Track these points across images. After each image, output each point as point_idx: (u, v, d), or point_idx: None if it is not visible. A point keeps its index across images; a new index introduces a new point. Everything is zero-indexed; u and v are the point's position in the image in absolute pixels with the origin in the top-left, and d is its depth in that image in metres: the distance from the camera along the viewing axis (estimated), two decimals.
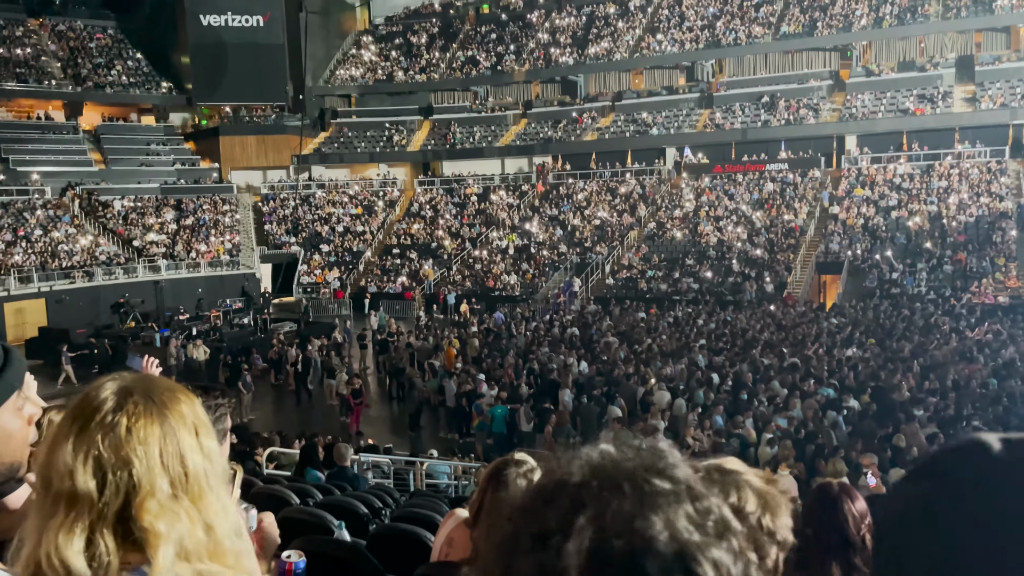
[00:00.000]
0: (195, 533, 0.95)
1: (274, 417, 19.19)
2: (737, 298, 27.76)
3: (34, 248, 32.02)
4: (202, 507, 0.97)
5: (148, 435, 0.95)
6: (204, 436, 1.01)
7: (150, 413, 0.97)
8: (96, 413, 0.96)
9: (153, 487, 0.93)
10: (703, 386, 15.76)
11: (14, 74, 40.08)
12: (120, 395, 0.98)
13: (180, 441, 0.97)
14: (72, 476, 0.93)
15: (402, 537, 3.24)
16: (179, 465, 0.96)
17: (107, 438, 0.94)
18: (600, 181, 39.15)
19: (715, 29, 40.48)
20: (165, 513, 0.93)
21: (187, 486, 0.96)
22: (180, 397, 1.02)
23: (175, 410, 0.99)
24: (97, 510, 0.92)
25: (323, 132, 46.26)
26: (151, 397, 0.99)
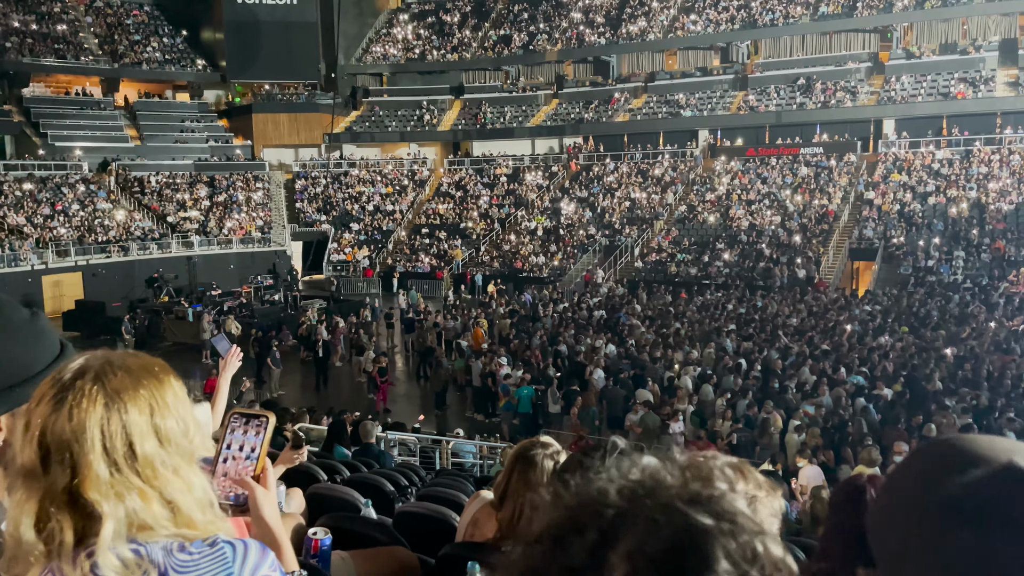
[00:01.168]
0: (151, 508, 0.96)
1: (302, 393, 19.43)
2: (768, 283, 27.47)
3: (72, 222, 32.61)
4: (159, 485, 0.98)
5: (88, 415, 0.95)
6: (161, 418, 1.00)
7: (94, 394, 0.97)
8: (49, 391, 0.98)
9: (91, 467, 0.94)
10: (731, 372, 15.66)
11: (52, 50, 40.64)
12: (75, 374, 0.99)
13: (127, 423, 0.97)
14: (23, 452, 0.96)
15: (427, 516, 3.28)
16: (124, 447, 0.96)
17: (51, 416, 0.95)
18: (631, 163, 38.84)
19: (751, 10, 39.78)
20: (110, 492, 0.94)
21: (137, 467, 0.97)
22: (142, 378, 1.01)
23: (127, 392, 0.99)
24: (45, 487, 0.94)
25: (355, 111, 46.38)
26: (102, 377, 0.99)
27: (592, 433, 13.41)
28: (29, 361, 1.23)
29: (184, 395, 1.06)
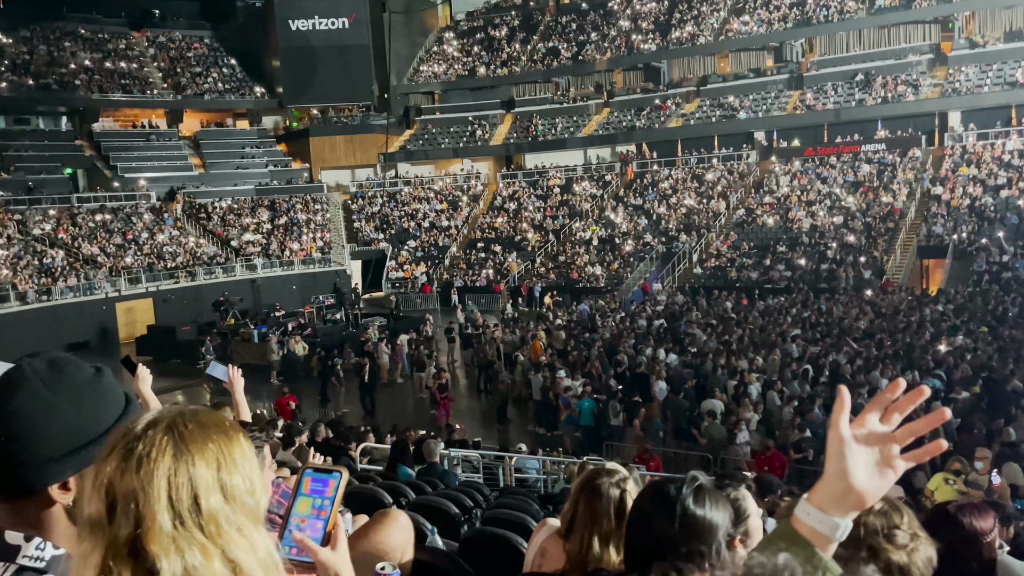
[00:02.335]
0: (212, 566, 0.94)
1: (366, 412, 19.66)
2: (832, 285, 26.76)
3: (142, 250, 33.82)
4: (222, 543, 0.96)
5: (156, 467, 0.95)
6: (227, 473, 0.99)
7: (163, 444, 0.97)
8: (120, 442, 0.98)
9: (155, 520, 0.93)
10: (798, 377, 15.27)
11: (119, 85, 42.36)
12: (147, 426, 0.99)
13: (194, 477, 0.96)
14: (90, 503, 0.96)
15: (493, 542, 3.26)
16: (189, 500, 0.95)
17: (119, 467, 0.96)
18: (686, 168, 38.41)
19: (805, 7, 39.02)
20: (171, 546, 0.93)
21: (201, 521, 0.96)
22: (211, 433, 1.01)
23: (195, 445, 0.98)
24: (109, 539, 0.94)
25: (408, 130, 47.05)
26: (173, 429, 0.99)
27: (656, 445, 13.23)
28: (95, 421, 1.25)
29: (252, 454, 1.05)
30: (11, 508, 1.21)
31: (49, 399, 1.21)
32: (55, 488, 1.21)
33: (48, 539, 1.21)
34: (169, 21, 48.27)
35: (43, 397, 1.21)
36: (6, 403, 1.20)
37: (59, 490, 1.21)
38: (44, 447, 1.19)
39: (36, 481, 1.19)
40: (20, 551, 1.18)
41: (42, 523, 1.22)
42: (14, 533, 1.19)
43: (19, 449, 1.18)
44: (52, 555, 1.19)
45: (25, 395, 1.20)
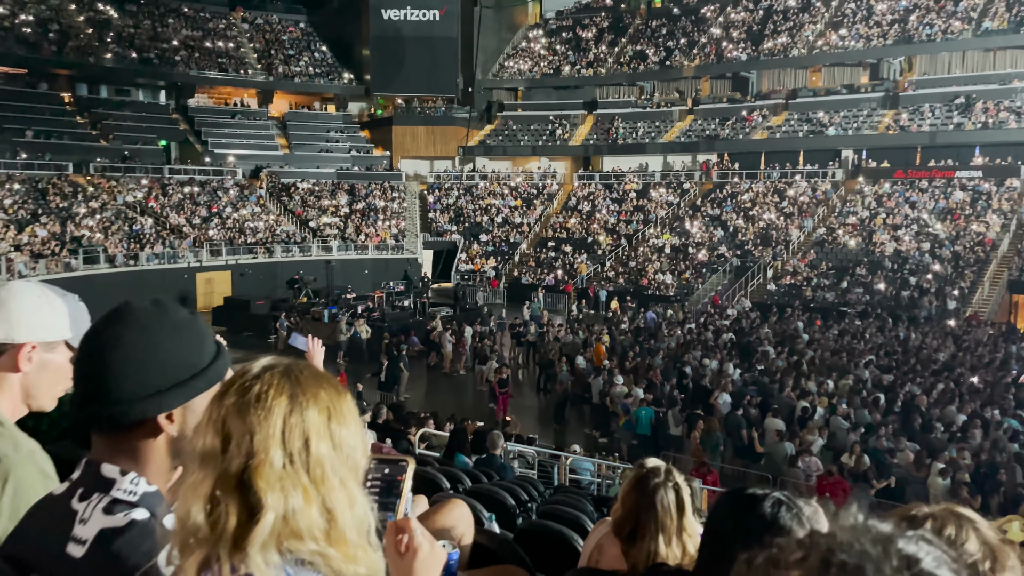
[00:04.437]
0: (310, 512, 0.97)
1: (427, 398, 19.92)
2: (913, 314, 25.77)
3: (225, 224, 34.97)
4: (324, 491, 0.99)
5: (274, 406, 0.99)
6: (337, 424, 1.03)
7: (282, 387, 1.01)
8: (236, 381, 1.03)
9: (268, 455, 0.97)
10: (868, 405, 14.76)
11: (216, 63, 43.88)
12: (263, 369, 1.04)
13: (307, 419, 1.00)
14: (203, 435, 1.00)
15: (549, 535, 3.26)
16: (300, 442, 0.99)
17: (237, 404, 1.00)
18: (768, 182, 37.54)
19: (907, 24, 37.62)
20: (278, 484, 0.96)
21: (308, 465, 0.99)
22: (324, 383, 1.05)
23: (310, 391, 1.02)
24: (221, 470, 0.97)
25: (489, 124, 47.34)
26: (290, 374, 1.03)
27: (714, 460, 12.99)
28: (196, 357, 1.30)
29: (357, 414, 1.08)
30: (110, 441, 1.26)
31: (159, 332, 1.27)
32: (162, 417, 1.26)
33: (142, 474, 1.25)
34: (267, 4, 49.76)
35: (154, 330, 1.27)
36: (122, 334, 1.25)
37: (165, 420, 1.26)
38: (154, 377, 1.24)
39: (145, 411, 1.24)
40: (115, 484, 1.23)
41: (139, 457, 1.26)
42: (110, 466, 1.24)
43: (130, 381, 1.23)
44: (145, 491, 1.24)
45: (137, 328, 1.26)
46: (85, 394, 1.26)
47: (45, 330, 1.64)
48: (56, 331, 1.66)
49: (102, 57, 39.60)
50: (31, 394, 1.67)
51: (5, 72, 37.53)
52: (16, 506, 1.49)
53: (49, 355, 1.66)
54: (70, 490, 1.25)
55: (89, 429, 1.29)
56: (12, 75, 37.77)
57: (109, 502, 1.21)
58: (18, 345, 1.62)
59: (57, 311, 1.66)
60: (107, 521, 1.18)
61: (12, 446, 1.57)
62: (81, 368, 1.28)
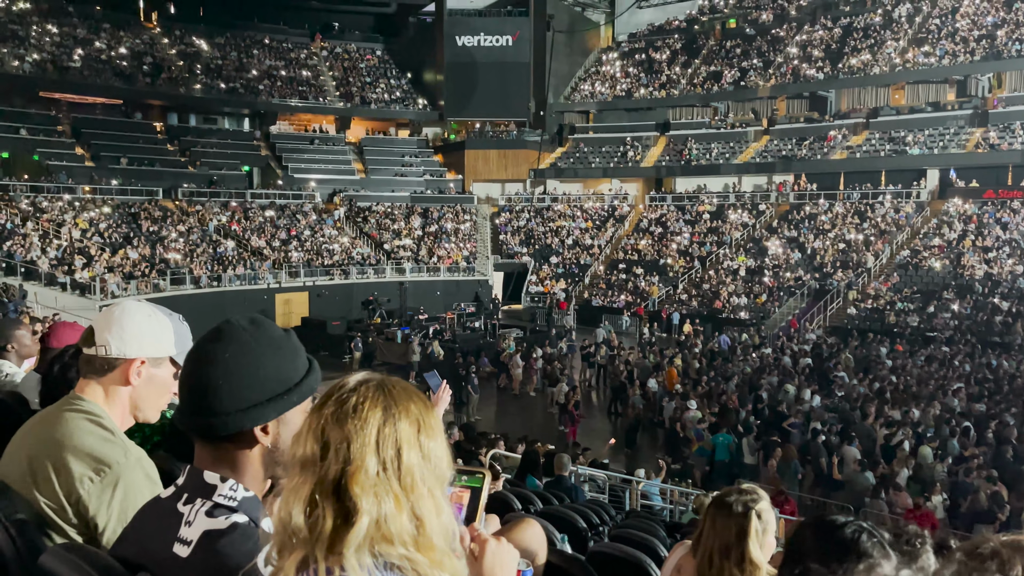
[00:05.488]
0: (400, 518, 1.02)
1: (497, 419, 19.98)
2: (1006, 340, 24.53)
3: (303, 246, 36.05)
4: (413, 498, 1.04)
5: (369, 416, 1.05)
6: (426, 436, 1.08)
7: (376, 398, 1.07)
8: (334, 393, 1.09)
9: (364, 462, 1.02)
10: (957, 435, 14.10)
11: (296, 91, 45.52)
12: (359, 382, 1.11)
13: (399, 430, 1.06)
14: (303, 443, 1.06)
15: (622, 559, 3.24)
16: (393, 451, 1.04)
17: (335, 413, 1.06)
18: (847, 203, 36.49)
19: (995, 40, 36.19)
20: (372, 490, 1.02)
21: (399, 473, 1.04)
22: (414, 398, 1.11)
23: (402, 404, 1.09)
24: (319, 475, 1.03)
25: (560, 147, 47.55)
26: (383, 387, 1.10)
27: (792, 489, 12.60)
28: (293, 371, 1.39)
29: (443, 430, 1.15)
30: (212, 450, 1.35)
31: (257, 349, 1.36)
32: (258, 429, 1.34)
33: (240, 481, 1.34)
34: (346, 33, 51.42)
35: (252, 347, 1.35)
36: (223, 352, 1.34)
37: (261, 431, 1.35)
38: (253, 391, 1.33)
39: (243, 423, 1.32)
40: (216, 490, 1.32)
41: (237, 465, 1.35)
42: (211, 473, 1.33)
43: (230, 394, 1.32)
44: (243, 496, 1.32)
45: (237, 346, 1.35)
46: (189, 406, 1.35)
47: (153, 347, 1.76)
48: (163, 348, 1.78)
49: (191, 88, 41.61)
50: (138, 406, 1.80)
51: (103, 103, 39.80)
52: (125, 508, 1.60)
53: (156, 370, 1.78)
54: (176, 494, 1.34)
55: (191, 438, 1.38)
56: (109, 105, 40.01)
57: (211, 506, 1.29)
58: (129, 360, 1.74)
59: (164, 329, 1.78)
60: (210, 524, 1.27)
61: (122, 453, 1.68)
62: (185, 382, 1.37)
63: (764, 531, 2.13)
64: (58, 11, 40.03)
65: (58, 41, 38.95)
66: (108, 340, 1.74)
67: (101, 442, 1.68)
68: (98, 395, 1.76)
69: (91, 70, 38.79)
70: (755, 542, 2.10)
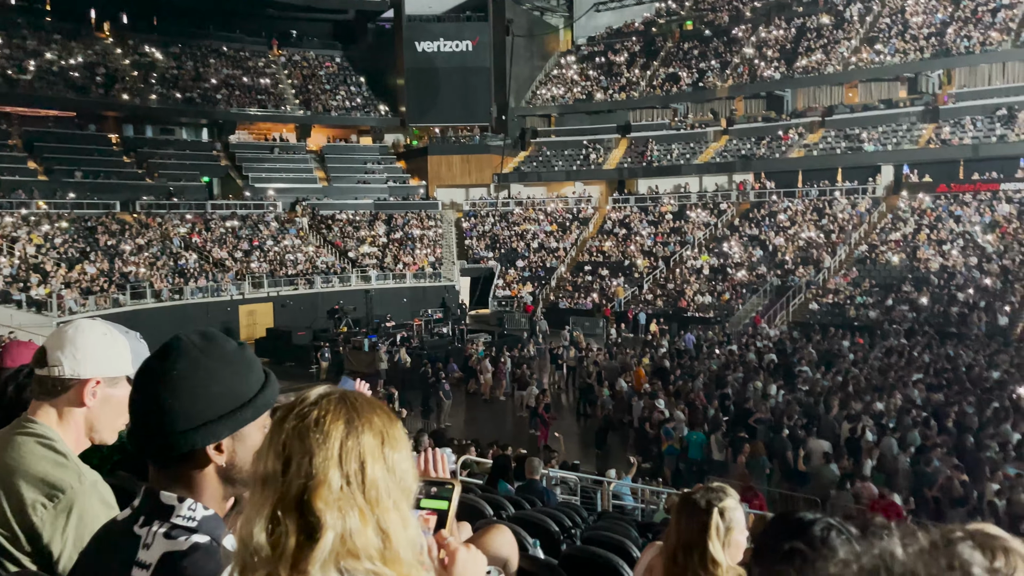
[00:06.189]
0: (365, 532, 1.01)
1: (467, 425, 19.93)
2: (962, 331, 25.12)
3: (266, 257, 35.63)
4: (378, 512, 1.03)
5: (332, 430, 1.03)
6: (390, 448, 1.06)
7: (339, 411, 1.05)
8: (295, 407, 1.07)
9: (327, 476, 1.00)
10: (918, 425, 14.39)
11: (255, 100, 45.02)
12: (321, 395, 1.08)
13: (362, 443, 1.04)
14: (264, 459, 1.04)
15: (594, 561, 3.24)
16: (356, 464, 1.02)
17: (297, 427, 1.04)
18: (806, 200, 37.12)
19: (944, 37, 37.12)
20: (335, 504, 1.00)
21: (363, 487, 1.02)
22: (377, 410, 1.09)
23: (365, 416, 1.07)
24: (281, 491, 1.01)
25: (523, 151, 47.67)
26: (346, 400, 1.08)
27: (761, 484, 12.75)
28: (244, 387, 1.35)
29: (408, 441, 1.12)
30: (167, 471, 1.31)
31: (208, 365, 1.31)
32: (211, 448, 1.30)
33: (199, 500, 1.30)
34: (304, 40, 51.00)
35: (203, 364, 1.31)
36: (171, 369, 1.30)
37: (214, 450, 1.31)
38: (204, 410, 1.29)
39: (195, 442, 1.28)
40: (174, 511, 1.28)
41: (194, 485, 1.31)
42: (168, 494, 1.29)
43: (179, 413, 1.28)
44: (203, 515, 1.29)
45: (187, 362, 1.31)
46: (138, 428, 1.32)
47: (109, 366, 1.72)
48: (119, 367, 1.73)
49: (147, 98, 40.91)
50: (94, 428, 1.75)
51: (56, 115, 38.95)
52: (81, 534, 1.55)
53: (112, 390, 1.73)
54: (132, 517, 1.30)
55: (145, 460, 1.34)
56: (62, 118, 39.17)
57: (169, 527, 1.26)
58: (83, 380, 1.69)
59: (120, 348, 1.74)
60: (169, 545, 1.23)
61: (76, 477, 1.63)
62: (134, 403, 1.34)
63: (728, 529, 2.13)
64: (6, 22, 39.09)
65: (7, 53, 38.03)
66: (61, 360, 1.69)
67: (54, 467, 1.63)
68: (51, 417, 1.70)
69: (43, 82, 37.96)
70: (716, 540, 2.10)
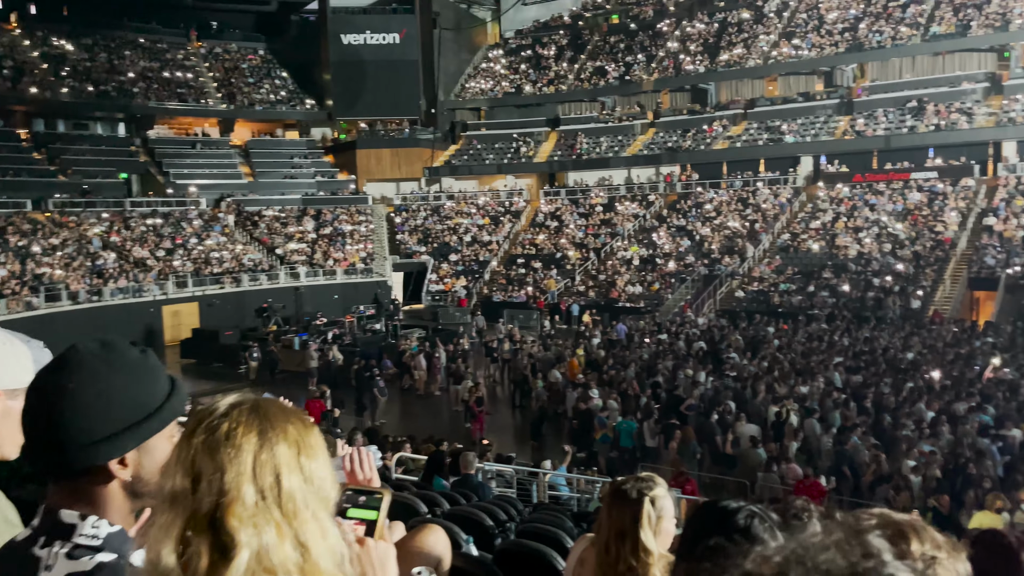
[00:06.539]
0: (283, 547, 0.96)
1: (403, 422, 19.79)
2: (879, 315, 26.22)
3: (190, 255, 34.57)
4: (296, 525, 0.98)
5: (244, 443, 0.98)
6: (307, 457, 1.02)
7: (251, 423, 1.00)
8: (203, 420, 1.01)
9: (240, 492, 0.96)
10: (839, 407, 14.97)
11: (175, 94, 43.56)
12: (230, 406, 1.03)
13: (276, 455, 0.99)
14: (172, 476, 0.99)
15: (528, 555, 3.26)
16: (272, 477, 0.98)
17: (206, 442, 0.98)
18: (731, 190, 38.09)
19: (857, 32, 38.56)
20: (250, 521, 0.95)
21: (279, 500, 0.98)
22: (291, 418, 1.05)
23: (279, 426, 1.02)
24: (191, 510, 0.96)
25: (453, 145, 47.48)
26: (257, 411, 1.03)
27: (692, 469, 13.05)
28: (150, 396, 1.28)
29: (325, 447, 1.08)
30: (67, 487, 1.24)
31: (108, 375, 1.24)
32: (114, 463, 1.23)
33: (104, 517, 1.23)
34: (226, 33, 49.57)
35: (102, 373, 1.24)
36: (68, 380, 1.22)
37: (117, 465, 1.24)
38: (104, 423, 1.22)
39: (96, 457, 1.21)
40: (76, 530, 1.20)
41: (97, 501, 1.24)
42: (70, 512, 1.21)
43: (78, 427, 1.20)
44: (108, 533, 1.22)
45: (85, 373, 1.23)
46: (34, 443, 1.24)
47: (8, 378, 1.62)
48: (20, 379, 1.64)
49: (58, 92, 39.11)
50: None
51: None
52: None
53: (13, 403, 1.64)
54: (31, 538, 1.22)
55: (43, 477, 1.27)
56: None
57: (72, 547, 1.19)
58: None
59: (21, 357, 1.64)
60: (72, 566, 1.17)
61: None
62: (28, 418, 1.25)
63: (659, 518, 2.17)
64: None
65: None
66: None
67: None
68: None
69: None
70: (648, 529, 2.13)
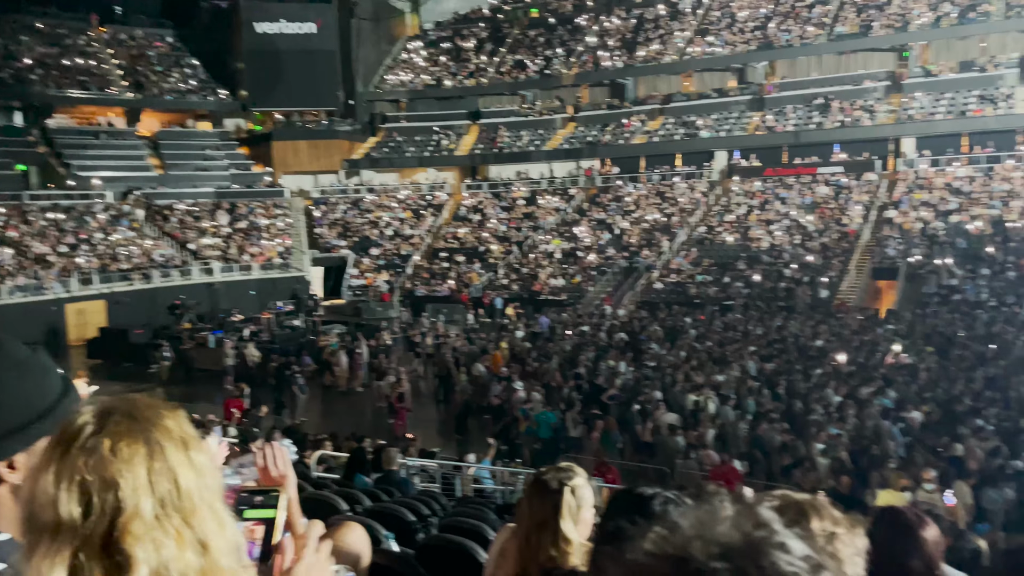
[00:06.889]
0: (184, 556, 0.91)
1: (324, 419, 19.42)
2: (790, 304, 27.23)
3: (95, 251, 33.01)
4: (195, 523, 0.93)
5: (133, 454, 0.92)
6: (194, 451, 0.98)
7: (133, 432, 0.94)
8: (77, 437, 0.93)
9: (138, 508, 0.90)
10: (754, 394, 15.48)
11: (77, 82, 41.45)
12: (100, 416, 0.95)
13: (169, 459, 0.94)
14: (55, 505, 0.89)
15: (449, 549, 3.23)
16: (169, 482, 0.93)
17: (90, 461, 0.90)
18: (649, 184, 38.85)
19: (767, 30, 39.87)
20: (148, 536, 0.89)
21: (179, 503, 0.93)
22: (164, 412, 0.99)
23: (160, 426, 0.96)
24: (82, 536, 0.88)
25: (373, 137, 46.80)
26: (133, 415, 0.96)
27: (614, 458, 13.27)
28: (40, 397, 1.21)
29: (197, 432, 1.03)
30: None
31: None
32: (2, 466, 1.17)
33: None
34: (131, 18, 47.43)
35: None
36: None
37: (5, 468, 1.17)
38: None
39: None
40: None
41: None
42: None
43: None
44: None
45: None
46: None
47: None
48: None
49: None
50: None
51: None
52: None
53: None
54: None
55: None
56: None
57: None
58: None
59: None
60: None
61: None
62: None
63: (579, 507, 2.17)
64: None
65: None
66: None
67: None
68: None
69: None
70: (568, 519, 2.13)
